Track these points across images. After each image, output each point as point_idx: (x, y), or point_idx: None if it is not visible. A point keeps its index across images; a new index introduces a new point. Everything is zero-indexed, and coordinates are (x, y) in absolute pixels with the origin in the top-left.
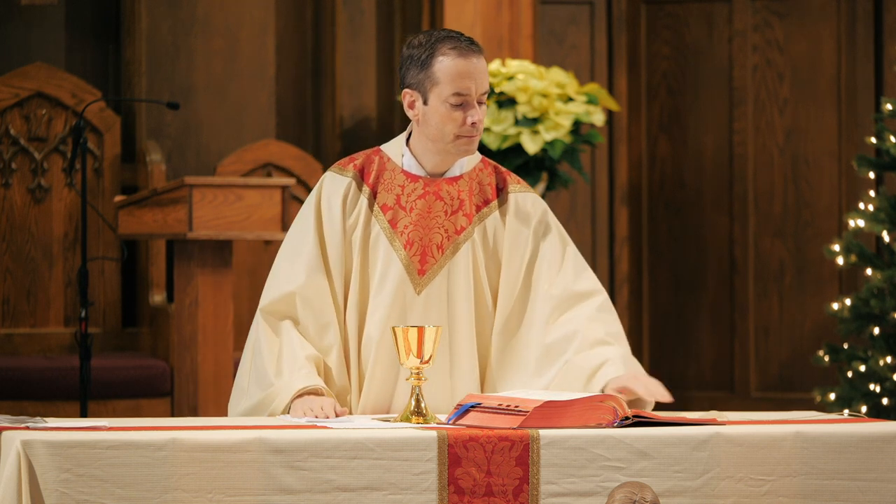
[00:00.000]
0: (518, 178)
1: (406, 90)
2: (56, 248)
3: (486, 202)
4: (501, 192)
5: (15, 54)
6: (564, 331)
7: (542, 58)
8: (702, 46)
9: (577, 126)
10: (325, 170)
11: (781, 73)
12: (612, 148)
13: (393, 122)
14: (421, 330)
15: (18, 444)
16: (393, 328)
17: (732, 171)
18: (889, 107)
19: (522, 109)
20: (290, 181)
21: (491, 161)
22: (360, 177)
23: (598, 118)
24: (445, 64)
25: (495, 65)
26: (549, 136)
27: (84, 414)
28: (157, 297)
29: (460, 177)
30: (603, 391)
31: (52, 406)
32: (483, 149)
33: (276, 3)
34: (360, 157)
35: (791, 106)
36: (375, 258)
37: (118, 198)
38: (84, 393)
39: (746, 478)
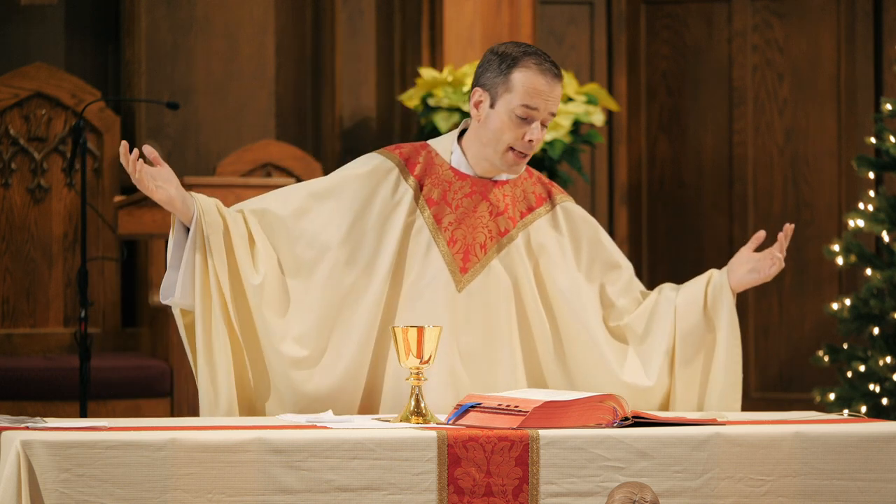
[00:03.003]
0: (560, 188)
1: (477, 88)
2: (56, 248)
3: (531, 209)
4: (548, 200)
5: (15, 54)
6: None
7: None
8: (701, 46)
9: (577, 126)
10: (324, 170)
11: (781, 73)
12: (612, 148)
13: (393, 122)
14: (421, 330)
15: (18, 445)
16: (392, 328)
17: (732, 171)
18: (889, 107)
19: None
20: (290, 181)
21: (535, 171)
22: (405, 165)
23: (598, 118)
24: (525, 75)
25: None
26: (548, 136)
27: (84, 414)
28: (157, 298)
29: (507, 182)
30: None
31: (52, 406)
32: None
33: (276, 3)
34: (405, 147)
35: (791, 106)
36: (416, 250)
37: (118, 198)
38: (84, 393)
39: (746, 478)
